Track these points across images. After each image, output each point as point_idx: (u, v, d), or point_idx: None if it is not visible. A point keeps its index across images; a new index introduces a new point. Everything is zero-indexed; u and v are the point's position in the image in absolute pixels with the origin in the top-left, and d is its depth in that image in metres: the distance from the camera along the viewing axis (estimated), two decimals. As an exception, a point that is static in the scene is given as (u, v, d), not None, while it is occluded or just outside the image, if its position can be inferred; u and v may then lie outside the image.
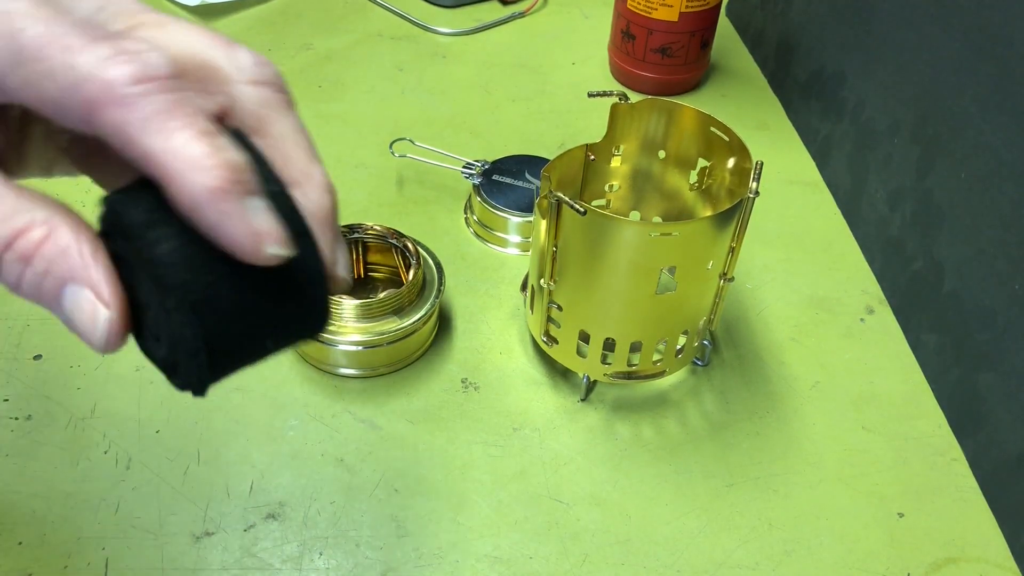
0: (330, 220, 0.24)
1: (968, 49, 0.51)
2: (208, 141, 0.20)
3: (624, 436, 0.49)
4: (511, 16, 0.88)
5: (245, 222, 0.20)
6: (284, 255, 0.21)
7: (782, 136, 0.74)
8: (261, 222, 0.21)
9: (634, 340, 0.47)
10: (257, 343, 0.23)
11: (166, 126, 0.20)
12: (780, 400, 0.51)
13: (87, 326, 0.21)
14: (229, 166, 0.20)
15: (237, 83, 0.23)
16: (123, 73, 0.19)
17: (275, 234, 0.21)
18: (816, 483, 0.47)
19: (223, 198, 0.20)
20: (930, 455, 0.49)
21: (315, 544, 0.43)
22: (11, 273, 0.21)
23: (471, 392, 0.51)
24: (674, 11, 0.72)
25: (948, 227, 0.52)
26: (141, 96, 0.20)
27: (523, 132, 0.72)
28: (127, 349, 0.23)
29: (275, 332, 0.23)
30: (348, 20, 0.86)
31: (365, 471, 0.46)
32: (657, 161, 0.52)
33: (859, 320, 0.57)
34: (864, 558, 0.44)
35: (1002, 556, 0.45)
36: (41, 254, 0.21)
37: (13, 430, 0.47)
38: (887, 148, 0.60)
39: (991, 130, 0.48)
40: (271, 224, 0.21)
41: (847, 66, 0.66)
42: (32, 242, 0.21)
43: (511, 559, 0.43)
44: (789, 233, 0.63)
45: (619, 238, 0.42)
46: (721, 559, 0.43)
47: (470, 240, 0.61)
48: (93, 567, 0.41)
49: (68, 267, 0.21)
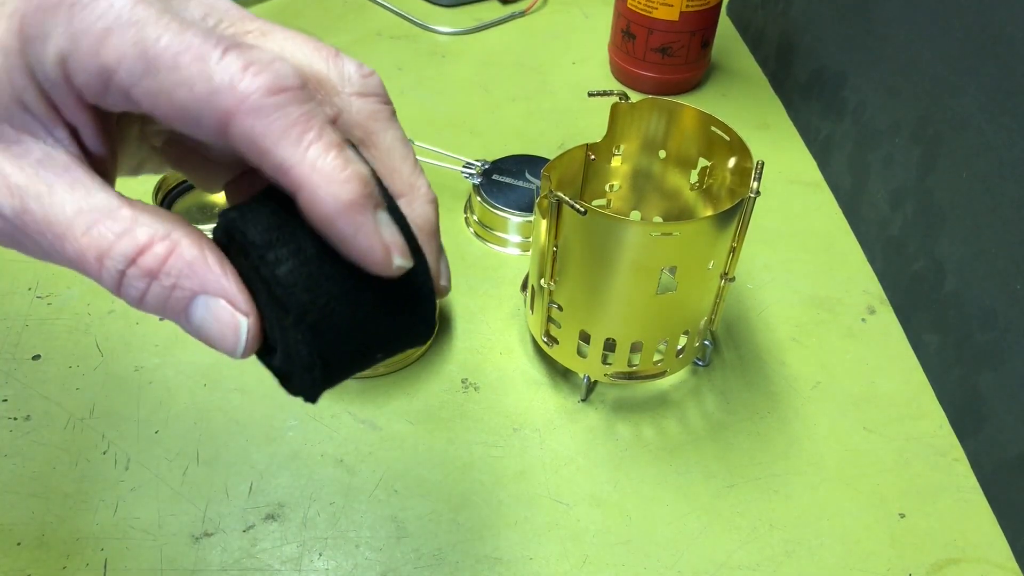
0: (435, 231, 0.24)
1: (968, 49, 0.50)
2: (341, 153, 0.20)
3: (624, 436, 0.49)
4: (511, 16, 0.88)
5: (377, 234, 0.21)
6: (407, 266, 0.22)
7: (783, 136, 0.73)
8: (390, 234, 0.21)
9: (635, 340, 0.47)
10: (369, 355, 0.23)
11: (302, 138, 0.20)
12: (781, 400, 0.51)
13: (223, 334, 0.22)
14: (362, 179, 0.20)
15: (344, 93, 0.23)
16: (259, 84, 0.20)
17: (401, 246, 0.21)
18: (817, 483, 0.47)
19: (358, 211, 0.20)
20: (931, 455, 0.49)
21: (315, 545, 0.43)
22: (135, 288, 0.21)
23: (471, 392, 0.50)
24: (674, 10, 0.72)
25: (949, 227, 0.52)
26: (276, 108, 0.20)
27: (523, 132, 0.72)
28: (127, 350, 0.23)
29: (386, 344, 0.23)
30: (347, 20, 0.86)
31: (365, 472, 0.46)
32: (657, 161, 0.52)
33: (860, 320, 0.57)
34: (865, 558, 0.44)
35: (1003, 556, 0.44)
36: (167, 269, 0.21)
37: (12, 430, 0.47)
38: (888, 148, 0.59)
39: (992, 130, 0.48)
40: (397, 236, 0.21)
41: (848, 66, 0.65)
42: (158, 257, 0.21)
43: (511, 560, 0.43)
44: (790, 233, 0.63)
45: (620, 238, 0.42)
46: (722, 560, 0.43)
47: (470, 240, 0.61)
48: (92, 568, 0.41)
49: (199, 280, 0.21)
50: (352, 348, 0.22)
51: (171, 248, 0.21)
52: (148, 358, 0.51)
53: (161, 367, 0.50)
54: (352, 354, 0.23)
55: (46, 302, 0.54)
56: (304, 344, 0.21)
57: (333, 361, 0.22)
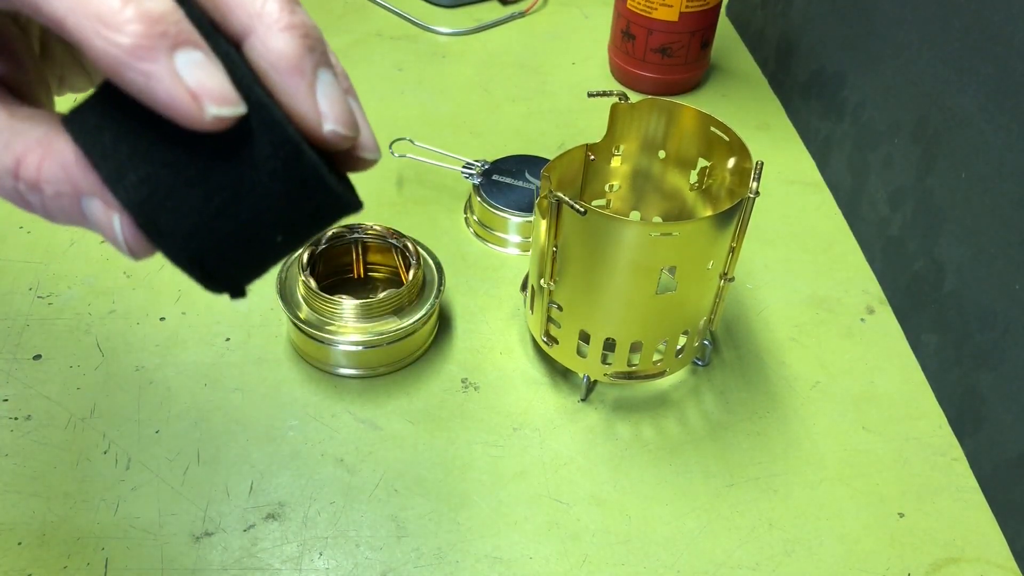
0: (297, 68, 0.19)
1: (968, 49, 0.51)
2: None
3: (624, 436, 0.49)
4: (511, 16, 0.88)
5: (176, 81, 0.17)
6: (229, 115, 0.18)
7: (782, 136, 0.74)
8: (197, 78, 0.17)
9: (634, 340, 0.47)
10: (263, 238, 0.20)
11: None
12: (780, 400, 0.51)
13: (109, 233, 0.19)
14: (146, 18, 0.17)
15: None
16: None
17: (217, 91, 0.18)
18: (816, 483, 0.47)
19: (144, 56, 0.17)
20: (930, 455, 0.49)
21: (315, 544, 0.43)
22: (32, 203, 0.19)
23: (471, 392, 0.51)
24: (674, 11, 0.72)
25: (949, 227, 0.52)
26: None
27: (523, 132, 0.72)
28: (127, 350, 0.23)
29: (277, 221, 0.19)
30: (348, 20, 0.86)
31: (365, 471, 0.46)
32: (657, 161, 0.52)
33: (859, 320, 0.57)
34: (864, 558, 0.44)
35: (1002, 556, 0.45)
36: (45, 177, 0.19)
37: (13, 430, 0.47)
38: (888, 148, 0.60)
39: (991, 130, 0.48)
40: (212, 79, 0.18)
41: (847, 66, 0.66)
42: (31, 167, 0.19)
43: (511, 559, 0.43)
44: (789, 233, 0.63)
45: (619, 238, 0.42)
46: (721, 559, 0.43)
47: (470, 240, 0.61)
48: (93, 567, 0.41)
49: (73, 183, 0.19)
50: (226, 233, 0.19)
51: (43, 155, 0.19)
52: (149, 358, 0.51)
53: (161, 367, 0.50)
54: (234, 241, 0.19)
55: (47, 302, 0.54)
56: (160, 242, 0.19)
57: (212, 255, 0.19)
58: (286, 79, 0.19)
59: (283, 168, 0.19)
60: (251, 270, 0.20)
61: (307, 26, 0.19)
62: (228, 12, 0.19)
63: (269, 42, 0.19)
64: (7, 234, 0.58)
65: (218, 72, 0.18)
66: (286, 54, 0.19)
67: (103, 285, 0.55)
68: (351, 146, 0.20)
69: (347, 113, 0.20)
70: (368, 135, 0.21)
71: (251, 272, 0.21)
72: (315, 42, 0.19)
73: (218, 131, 0.18)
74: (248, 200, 0.19)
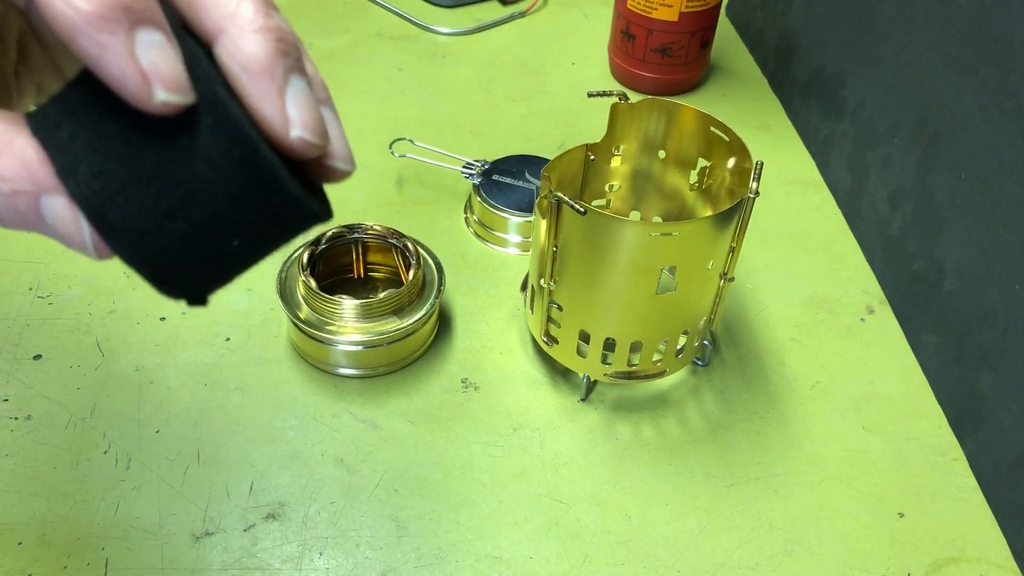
0: (267, 70, 0.18)
1: (968, 49, 0.51)
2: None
3: (624, 436, 0.49)
4: (511, 16, 0.88)
5: (130, 58, 0.17)
6: (176, 102, 0.17)
7: (782, 136, 0.74)
8: (152, 59, 0.17)
9: (634, 340, 0.47)
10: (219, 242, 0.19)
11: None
12: (780, 400, 0.51)
13: (70, 233, 0.19)
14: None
15: None
16: None
17: (170, 76, 0.17)
18: (816, 483, 0.47)
19: (102, 26, 0.16)
20: (930, 455, 0.49)
21: (315, 544, 0.43)
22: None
23: (471, 392, 0.51)
24: (674, 11, 0.72)
25: (948, 227, 0.52)
26: None
27: (523, 132, 0.72)
28: (127, 350, 0.23)
29: (235, 225, 0.19)
30: (348, 20, 0.86)
31: (365, 471, 0.46)
32: (657, 161, 0.52)
33: (859, 320, 0.57)
34: (864, 558, 0.44)
35: (1002, 556, 0.45)
36: (2, 174, 0.18)
37: (13, 430, 0.47)
38: (887, 148, 0.60)
39: (991, 130, 0.48)
40: (167, 62, 0.17)
41: (847, 66, 0.66)
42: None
43: (511, 559, 0.43)
44: (789, 233, 0.63)
45: (619, 238, 0.42)
46: (721, 559, 0.43)
47: (470, 240, 0.61)
48: (93, 567, 0.41)
49: (35, 180, 0.18)
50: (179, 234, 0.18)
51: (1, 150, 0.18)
52: (149, 358, 0.51)
53: (162, 367, 0.50)
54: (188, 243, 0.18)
55: (47, 302, 0.54)
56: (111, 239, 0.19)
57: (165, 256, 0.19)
58: (255, 81, 0.18)
59: (238, 168, 0.18)
60: (208, 276, 0.20)
61: (282, 30, 0.19)
62: (202, 12, 0.18)
63: (240, 43, 0.18)
64: (7, 234, 0.58)
65: (174, 58, 0.17)
66: (257, 56, 0.18)
67: (103, 285, 0.55)
68: (320, 155, 0.20)
69: (316, 120, 0.19)
70: (341, 145, 0.20)
71: (209, 278, 0.20)
72: (289, 47, 0.19)
73: (165, 116, 0.17)
74: (202, 200, 0.18)
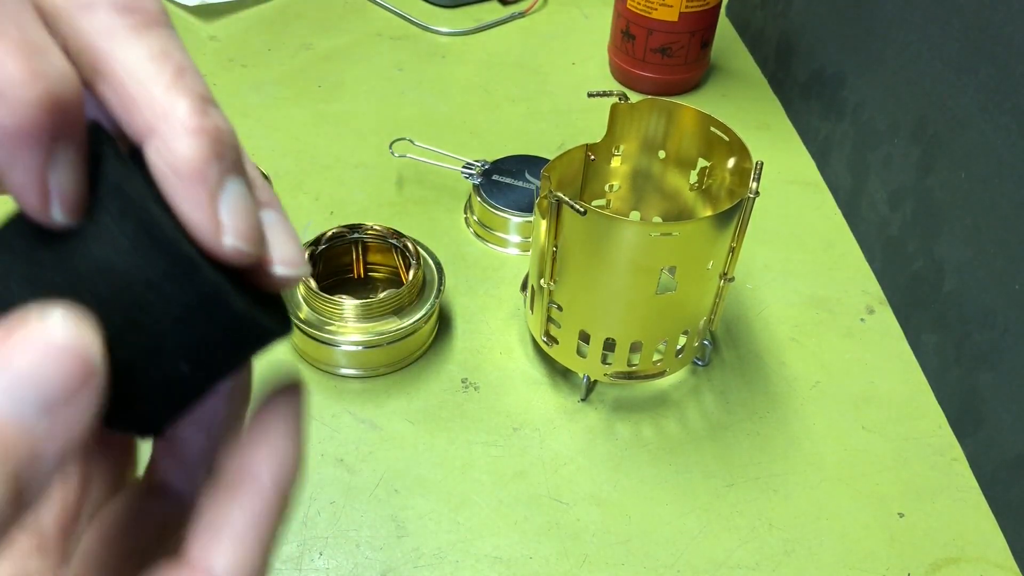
0: (202, 174, 0.17)
1: (968, 49, 0.51)
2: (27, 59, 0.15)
3: (624, 436, 0.49)
4: (511, 16, 0.88)
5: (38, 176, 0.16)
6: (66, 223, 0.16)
7: (782, 136, 0.74)
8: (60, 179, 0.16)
9: (634, 340, 0.47)
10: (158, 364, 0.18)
11: None
12: (780, 400, 0.51)
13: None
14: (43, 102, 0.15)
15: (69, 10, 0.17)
16: None
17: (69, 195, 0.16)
18: (816, 483, 0.47)
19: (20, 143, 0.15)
20: (930, 455, 0.49)
21: (315, 544, 0.43)
22: None
23: (471, 392, 0.51)
24: (674, 11, 0.72)
25: (948, 227, 0.52)
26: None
27: (523, 132, 0.72)
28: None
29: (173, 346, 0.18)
30: (348, 20, 0.86)
31: (365, 471, 0.46)
32: (657, 161, 0.52)
33: (859, 320, 0.57)
34: (864, 558, 0.44)
35: (1002, 556, 0.45)
36: None
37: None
38: (887, 148, 0.60)
39: (991, 130, 0.48)
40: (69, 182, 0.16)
41: (847, 66, 0.66)
42: None
43: (511, 559, 0.43)
44: (789, 233, 0.63)
45: (619, 238, 0.42)
46: (721, 559, 0.43)
47: (470, 240, 0.61)
48: (93, 567, 0.41)
49: None
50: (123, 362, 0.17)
51: None
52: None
53: (162, 367, 0.50)
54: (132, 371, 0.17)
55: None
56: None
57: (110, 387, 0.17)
58: (186, 186, 0.17)
59: (179, 288, 0.17)
60: (159, 406, 0.18)
61: (219, 130, 0.17)
62: (134, 110, 0.17)
63: (172, 144, 0.17)
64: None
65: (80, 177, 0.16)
66: (188, 159, 0.17)
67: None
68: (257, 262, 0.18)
69: (251, 228, 0.18)
70: (287, 249, 0.19)
71: (160, 408, 0.18)
72: (225, 148, 0.17)
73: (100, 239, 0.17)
74: (145, 325, 0.17)
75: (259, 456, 0.19)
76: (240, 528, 0.18)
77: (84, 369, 0.15)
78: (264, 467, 0.19)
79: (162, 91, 0.17)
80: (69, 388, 0.15)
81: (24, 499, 0.15)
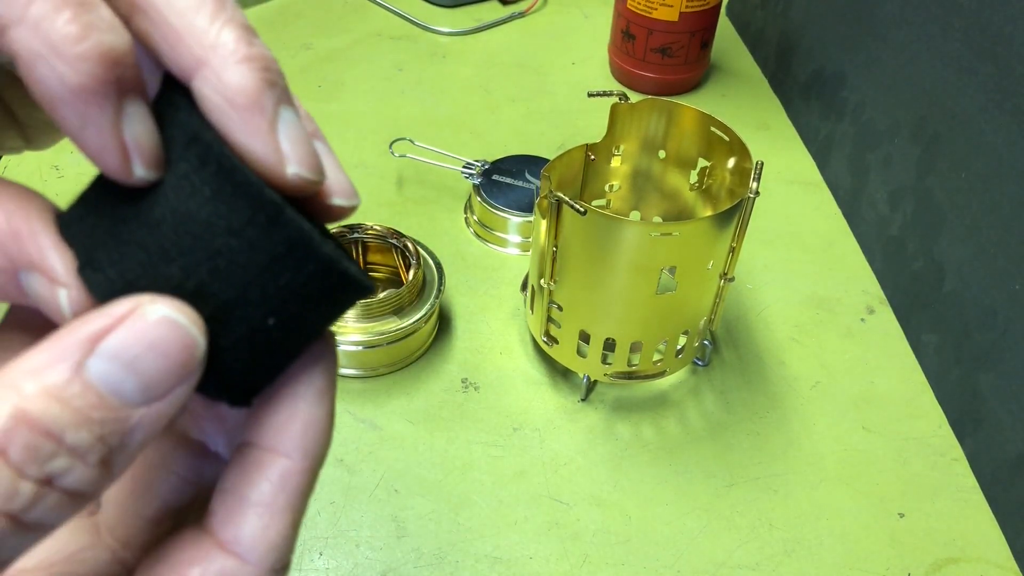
0: (259, 103, 0.17)
1: (968, 49, 0.51)
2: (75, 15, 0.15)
3: (624, 436, 0.49)
4: (511, 16, 0.88)
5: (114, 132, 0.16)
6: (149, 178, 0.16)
7: (782, 136, 0.74)
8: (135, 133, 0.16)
9: (634, 340, 0.47)
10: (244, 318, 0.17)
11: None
12: (780, 400, 0.51)
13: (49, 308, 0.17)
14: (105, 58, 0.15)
15: None
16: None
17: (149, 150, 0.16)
18: (816, 483, 0.47)
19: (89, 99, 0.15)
20: (930, 455, 0.49)
21: (315, 544, 0.43)
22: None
23: (471, 392, 0.51)
24: (674, 11, 0.72)
25: (948, 227, 0.52)
26: None
27: (523, 132, 0.72)
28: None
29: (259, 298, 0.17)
30: (348, 20, 0.86)
31: (365, 471, 0.46)
32: (657, 161, 0.52)
33: (859, 320, 0.57)
34: (864, 558, 0.44)
35: (1002, 556, 0.45)
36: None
37: None
38: (887, 148, 0.60)
39: (991, 130, 0.48)
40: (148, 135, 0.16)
41: (847, 66, 0.66)
42: None
43: (511, 559, 0.43)
44: (789, 233, 0.63)
45: (619, 238, 0.42)
46: (721, 559, 0.43)
47: (470, 240, 0.61)
48: (93, 567, 0.41)
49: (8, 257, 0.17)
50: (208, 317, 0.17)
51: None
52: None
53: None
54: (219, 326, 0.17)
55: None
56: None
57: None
58: (244, 116, 0.16)
59: (264, 235, 0.17)
60: (247, 366, 0.18)
61: (267, 59, 0.17)
62: (179, 44, 0.16)
63: (225, 75, 0.16)
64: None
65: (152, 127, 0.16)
66: (244, 88, 0.16)
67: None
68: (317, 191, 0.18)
69: (311, 155, 0.18)
70: (340, 179, 0.19)
71: (246, 368, 0.18)
72: (276, 76, 0.17)
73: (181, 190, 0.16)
74: (229, 276, 0.17)
75: (287, 423, 0.18)
76: (268, 499, 0.18)
77: (186, 366, 0.16)
78: (292, 435, 0.18)
79: (207, 22, 0.16)
80: (171, 382, 0.16)
81: (113, 471, 0.15)
